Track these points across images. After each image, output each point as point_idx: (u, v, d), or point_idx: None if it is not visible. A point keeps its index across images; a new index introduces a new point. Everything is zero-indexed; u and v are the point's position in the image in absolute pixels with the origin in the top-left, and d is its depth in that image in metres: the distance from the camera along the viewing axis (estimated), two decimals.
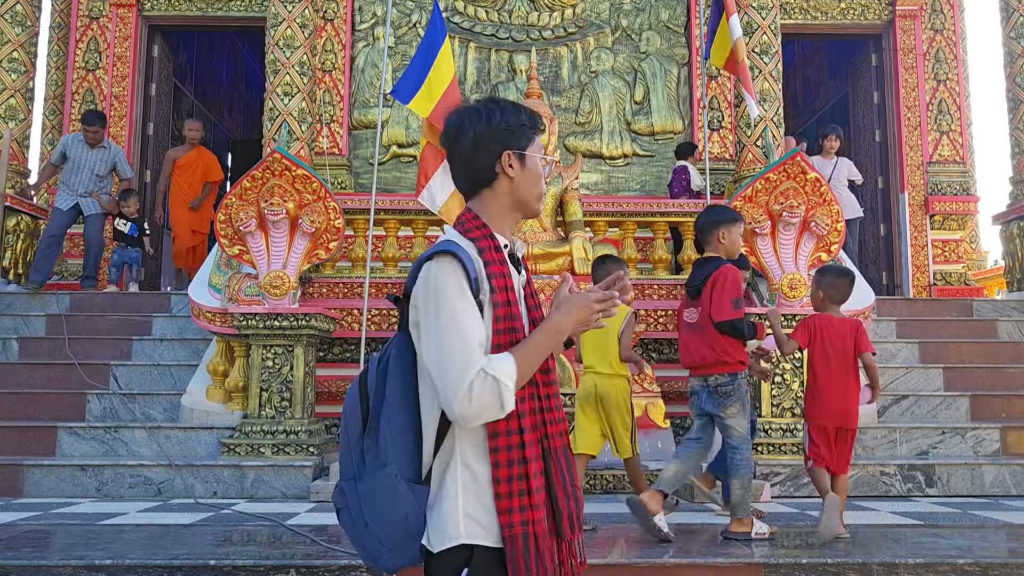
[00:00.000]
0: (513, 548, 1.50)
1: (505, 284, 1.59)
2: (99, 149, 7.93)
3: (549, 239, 6.65)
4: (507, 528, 1.51)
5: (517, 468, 1.53)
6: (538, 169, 1.69)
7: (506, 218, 1.69)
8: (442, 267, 1.54)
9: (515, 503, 1.52)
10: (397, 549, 1.56)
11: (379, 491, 1.56)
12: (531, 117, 1.70)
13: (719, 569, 3.47)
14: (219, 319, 5.97)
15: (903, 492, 5.47)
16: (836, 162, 8.43)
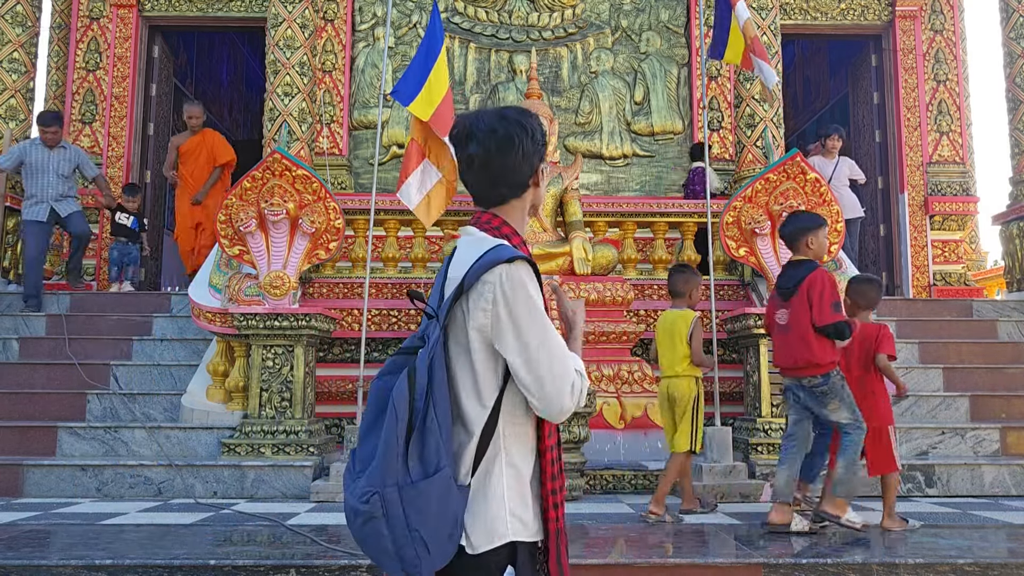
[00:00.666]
0: (557, 540, 1.62)
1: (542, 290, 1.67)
2: (58, 150, 7.52)
3: (549, 239, 6.65)
4: (553, 522, 1.62)
5: (558, 466, 1.65)
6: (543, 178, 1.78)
7: (525, 224, 1.79)
8: (524, 272, 1.58)
9: (558, 499, 1.63)
10: (440, 553, 1.53)
11: (433, 495, 1.52)
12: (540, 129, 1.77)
13: (719, 569, 3.47)
14: (219, 319, 5.97)
15: (903, 492, 5.46)
16: (838, 161, 8.39)
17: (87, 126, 9.17)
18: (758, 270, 6.29)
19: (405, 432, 1.55)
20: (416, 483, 1.52)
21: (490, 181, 1.69)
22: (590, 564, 3.47)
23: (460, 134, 1.70)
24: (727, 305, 7.00)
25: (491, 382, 1.59)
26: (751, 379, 6.02)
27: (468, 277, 1.57)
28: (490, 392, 1.58)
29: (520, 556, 1.59)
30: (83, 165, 7.73)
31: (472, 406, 1.59)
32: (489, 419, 1.58)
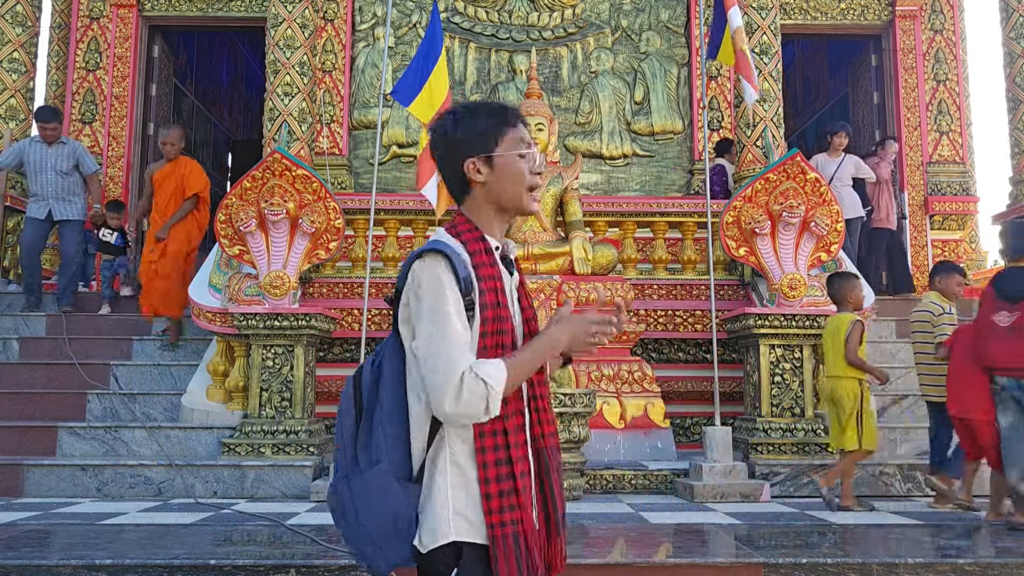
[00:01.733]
0: (503, 546, 1.52)
1: (495, 285, 1.60)
2: (57, 146, 7.29)
3: (549, 239, 6.65)
4: (497, 527, 1.52)
5: (504, 468, 1.55)
6: (514, 166, 1.66)
7: (494, 220, 1.69)
8: (431, 265, 1.56)
9: (505, 502, 1.53)
10: (389, 548, 1.57)
11: (372, 489, 1.57)
12: (496, 115, 1.68)
13: (719, 569, 3.47)
14: (219, 319, 5.98)
15: (903, 492, 5.47)
16: (842, 159, 8.31)
17: (87, 126, 9.17)
18: (758, 270, 6.29)
19: (352, 427, 1.63)
20: (357, 476, 1.59)
21: (445, 179, 1.73)
22: (590, 564, 3.47)
23: None
24: (727, 305, 7.00)
25: None
26: (751, 379, 6.02)
27: (399, 277, 1.63)
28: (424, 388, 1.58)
29: (466, 557, 1.53)
30: (82, 160, 7.45)
31: (414, 402, 1.60)
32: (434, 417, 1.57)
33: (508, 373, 1.52)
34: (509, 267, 1.70)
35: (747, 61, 6.00)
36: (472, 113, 1.68)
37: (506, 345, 1.59)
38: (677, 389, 6.92)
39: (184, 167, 7.05)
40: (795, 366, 5.82)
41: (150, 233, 7.00)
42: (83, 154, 7.49)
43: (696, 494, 5.13)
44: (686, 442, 6.80)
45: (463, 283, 1.55)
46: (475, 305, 1.57)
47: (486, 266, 1.61)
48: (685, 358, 7.20)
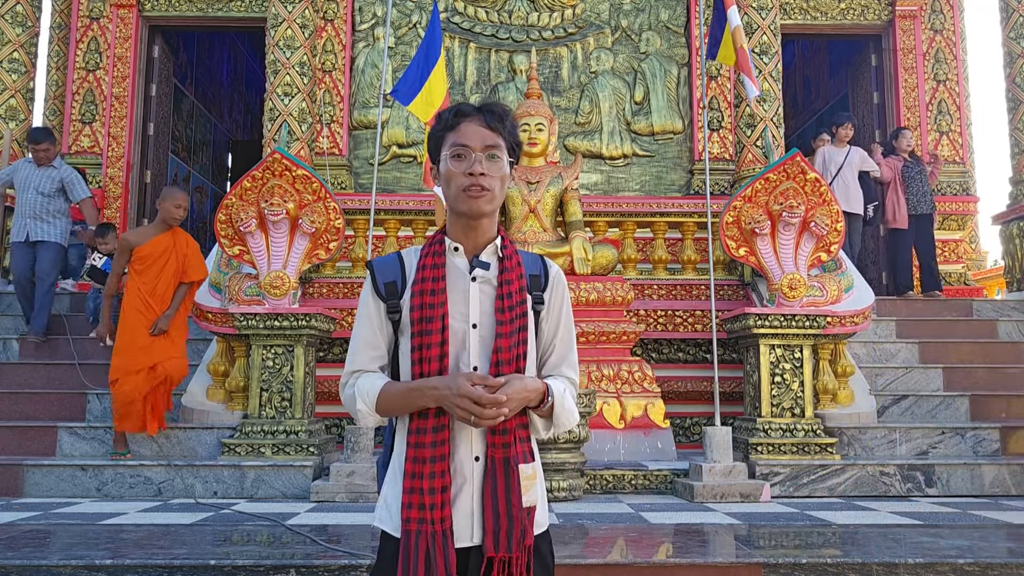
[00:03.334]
0: (405, 542, 1.57)
1: (427, 287, 1.65)
2: (47, 168, 6.90)
3: (549, 239, 6.65)
4: (403, 523, 1.58)
5: (418, 466, 1.60)
6: (447, 170, 1.67)
7: (454, 222, 1.72)
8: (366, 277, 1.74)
9: (414, 499, 1.58)
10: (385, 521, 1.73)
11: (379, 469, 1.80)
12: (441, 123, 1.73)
13: (719, 569, 3.46)
14: (219, 319, 5.98)
15: (903, 492, 5.47)
16: (848, 151, 8.29)
17: (87, 126, 9.17)
18: (758, 270, 6.29)
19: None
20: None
21: None
22: (590, 564, 3.46)
23: None
24: (727, 305, 7.00)
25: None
26: (751, 379, 6.02)
27: None
28: None
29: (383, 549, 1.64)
30: (69, 185, 6.93)
31: None
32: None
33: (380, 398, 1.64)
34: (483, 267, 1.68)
35: (747, 59, 6.01)
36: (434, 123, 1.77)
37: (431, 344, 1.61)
38: (677, 389, 6.93)
39: (186, 244, 5.80)
40: (795, 366, 5.82)
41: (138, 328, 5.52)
42: (73, 181, 6.96)
43: (696, 494, 5.13)
44: (686, 442, 6.81)
45: (384, 288, 1.68)
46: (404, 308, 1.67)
47: (427, 268, 1.67)
48: (685, 358, 7.21)
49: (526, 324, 1.68)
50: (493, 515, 1.59)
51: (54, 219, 6.94)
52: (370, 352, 1.69)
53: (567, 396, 1.69)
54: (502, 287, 1.67)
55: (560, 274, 1.80)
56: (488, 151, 1.66)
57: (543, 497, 1.70)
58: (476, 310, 1.66)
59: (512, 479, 1.60)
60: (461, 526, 1.60)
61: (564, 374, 1.75)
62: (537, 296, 1.72)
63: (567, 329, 1.77)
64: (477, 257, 1.68)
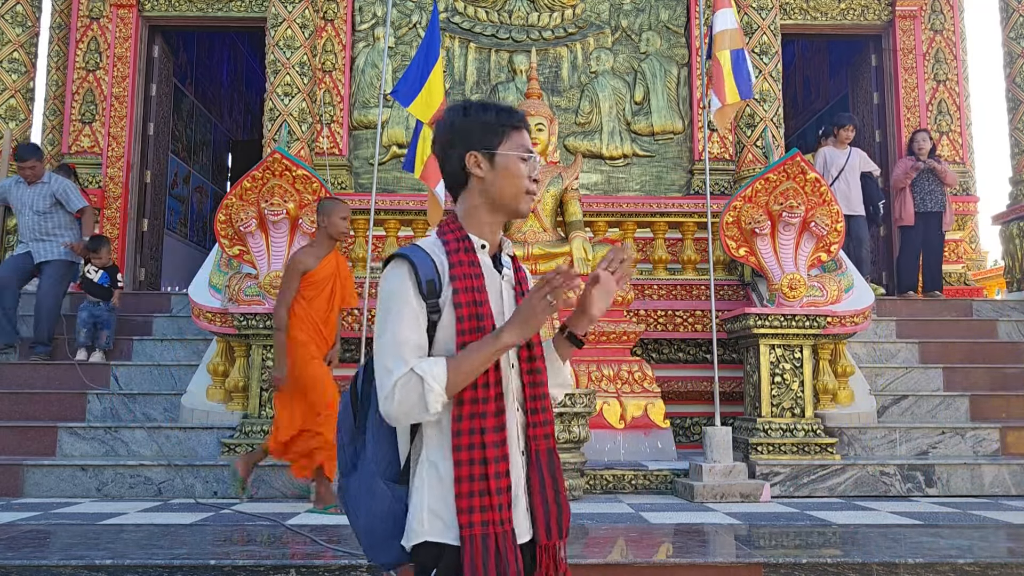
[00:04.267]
0: (471, 548, 1.51)
1: (471, 284, 1.61)
2: (38, 185, 6.76)
3: (549, 239, 6.65)
4: (465, 528, 1.52)
5: (478, 468, 1.54)
6: (514, 167, 1.67)
7: (484, 218, 1.69)
8: (392, 271, 1.61)
9: (475, 503, 1.53)
10: (382, 546, 1.61)
11: (362, 489, 1.62)
12: (503, 115, 1.69)
13: (719, 569, 3.46)
14: (219, 319, 5.98)
15: (903, 492, 5.47)
16: (849, 152, 8.25)
17: (87, 126, 9.17)
18: (758, 270, 6.29)
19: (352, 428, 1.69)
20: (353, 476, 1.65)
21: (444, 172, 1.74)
22: (590, 564, 3.46)
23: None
24: (727, 305, 7.00)
25: None
26: (751, 379, 6.02)
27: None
28: None
29: (445, 560, 1.54)
30: (64, 198, 6.79)
31: None
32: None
33: (450, 370, 1.52)
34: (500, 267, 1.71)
35: (720, 69, 5.98)
36: (482, 108, 1.70)
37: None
38: (677, 389, 6.93)
39: (344, 265, 5.08)
40: (795, 366, 5.82)
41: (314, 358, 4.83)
42: (66, 193, 6.81)
43: (696, 494, 5.13)
44: (686, 442, 6.81)
45: (425, 286, 1.58)
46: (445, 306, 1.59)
47: (464, 265, 1.62)
48: (685, 358, 7.21)
49: None
50: (543, 504, 1.62)
51: (55, 236, 6.79)
52: (418, 352, 1.56)
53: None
54: (520, 284, 1.74)
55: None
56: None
57: None
58: (509, 307, 1.69)
59: (556, 467, 1.67)
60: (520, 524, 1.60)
61: None
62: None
63: None
64: (499, 254, 1.73)
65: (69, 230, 6.86)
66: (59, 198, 6.80)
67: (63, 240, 6.80)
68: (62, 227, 6.83)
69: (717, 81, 5.94)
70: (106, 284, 6.90)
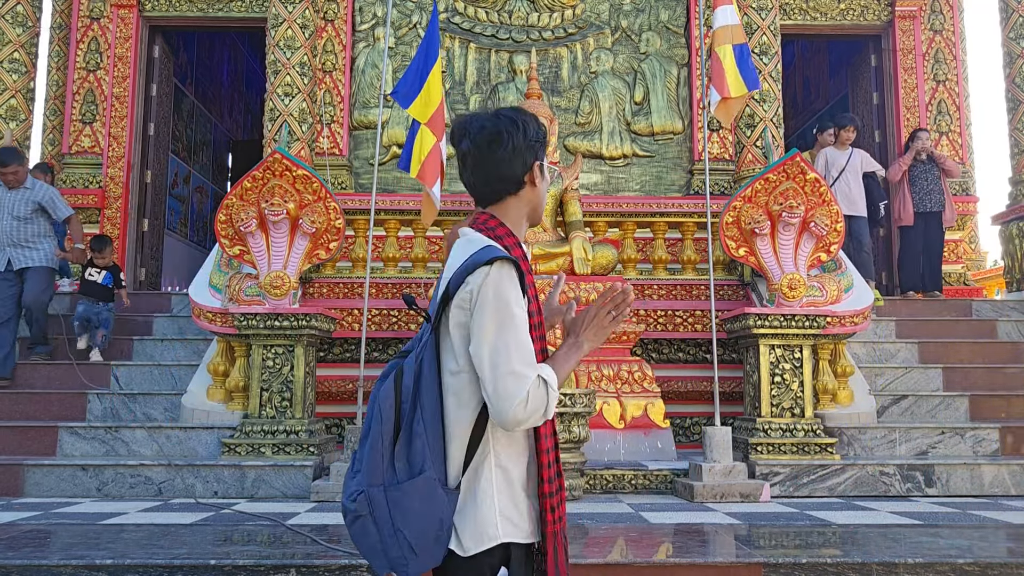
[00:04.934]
0: (555, 543, 1.62)
1: (536, 293, 1.67)
2: (20, 191, 6.58)
3: (549, 239, 6.65)
4: (551, 525, 1.61)
5: (555, 468, 1.64)
6: (546, 181, 1.80)
7: (523, 225, 1.78)
8: (503, 273, 1.58)
9: (555, 501, 1.62)
10: (427, 554, 1.57)
11: (416, 497, 1.56)
12: (540, 129, 1.78)
13: (719, 569, 3.47)
14: (219, 319, 5.98)
15: (902, 492, 5.47)
16: (851, 153, 8.21)
17: (87, 126, 9.18)
18: (758, 270, 6.29)
19: (392, 433, 1.61)
20: (401, 484, 1.57)
21: (484, 178, 1.73)
22: (590, 564, 3.47)
23: (455, 132, 1.76)
24: (727, 305, 7.01)
25: (475, 384, 1.59)
26: (751, 379, 6.02)
27: (453, 279, 1.60)
28: (472, 394, 1.60)
29: (515, 557, 1.60)
30: (49, 206, 6.63)
31: (455, 407, 1.61)
32: (477, 421, 1.59)
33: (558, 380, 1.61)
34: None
35: (720, 64, 5.99)
36: (536, 121, 1.76)
37: (546, 350, 1.70)
38: (677, 389, 6.93)
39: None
40: (795, 366, 5.83)
41: None
42: (51, 201, 6.66)
43: (696, 494, 5.13)
44: (686, 442, 6.81)
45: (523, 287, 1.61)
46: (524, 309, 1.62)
47: (530, 273, 1.67)
48: (685, 358, 7.21)
49: None
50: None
51: (36, 243, 6.61)
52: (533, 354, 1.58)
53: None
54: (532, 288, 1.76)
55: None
56: None
57: None
58: None
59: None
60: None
61: None
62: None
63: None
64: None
65: (47, 238, 6.71)
66: (44, 206, 6.63)
67: (42, 247, 6.63)
68: (41, 235, 6.66)
69: (717, 76, 5.94)
70: (109, 284, 6.90)
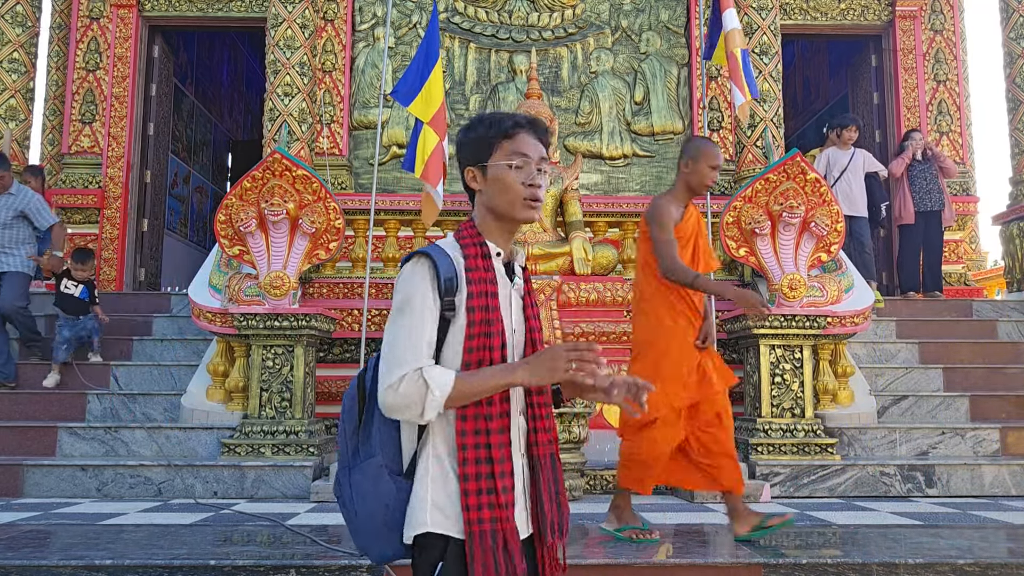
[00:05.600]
0: (480, 542, 1.55)
1: (485, 290, 1.64)
2: (5, 196, 6.52)
3: (549, 239, 6.65)
4: (474, 524, 1.56)
5: (484, 467, 1.58)
6: (504, 177, 1.68)
7: (493, 226, 1.73)
8: (414, 267, 1.63)
9: (483, 500, 1.57)
10: (380, 539, 1.65)
11: (366, 480, 1.64)
12: (494, 127, 1.72)
13: (719, 569, 3.47)
14: (219, 319, 5.97)
15: (903, 492, 5.47)
16: (853, 153, 8.11)
17: (87, 126, 9.18)
18: (758, 270, 6.29)
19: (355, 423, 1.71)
20: (354, 468, 1.67)
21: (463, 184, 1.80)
22: (590, 564, 3.47)
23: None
24: (727, 305, 7.00)
25: None
26: (751, 379, 6.02)
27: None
28: None
29: (449, 551, 1.59)
30: (33, 214, 6.56)
31: None
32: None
33: (456, 386, 1.55)
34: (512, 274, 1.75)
35: (737, 65, 5.99)
36: (477, 123, 1.74)
37: (493, 348, 1.62)
38: None
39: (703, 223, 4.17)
40: (795, 366, 5.82)
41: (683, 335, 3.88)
42: (36, 209, 6.59)
43: (696, 494, 5.13)
44: None
45: (444, 283, 1.61)
46: (460, 307, 1.62)
47: (480, 270, 1.65)
48: None
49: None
50: (548, 505, 1.67)
51: (16, 248, 6.53)
52: (428, 349, 1.60)
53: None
54: (528, 296, 1.76)
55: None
56: (540, 164, 1.72)
57: None
58: (517, 316, 1.72)
59: (558, 471, 1.73)
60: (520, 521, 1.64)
61: None
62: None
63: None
64: (512, 264, 1.75)
65: (27, 244, 6.61)
66: (28, 213, 6.56)
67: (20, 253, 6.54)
68: (21, 241, 6.58)
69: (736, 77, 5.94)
70: (86, 299, 6.69)
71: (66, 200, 8.93)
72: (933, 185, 8.30)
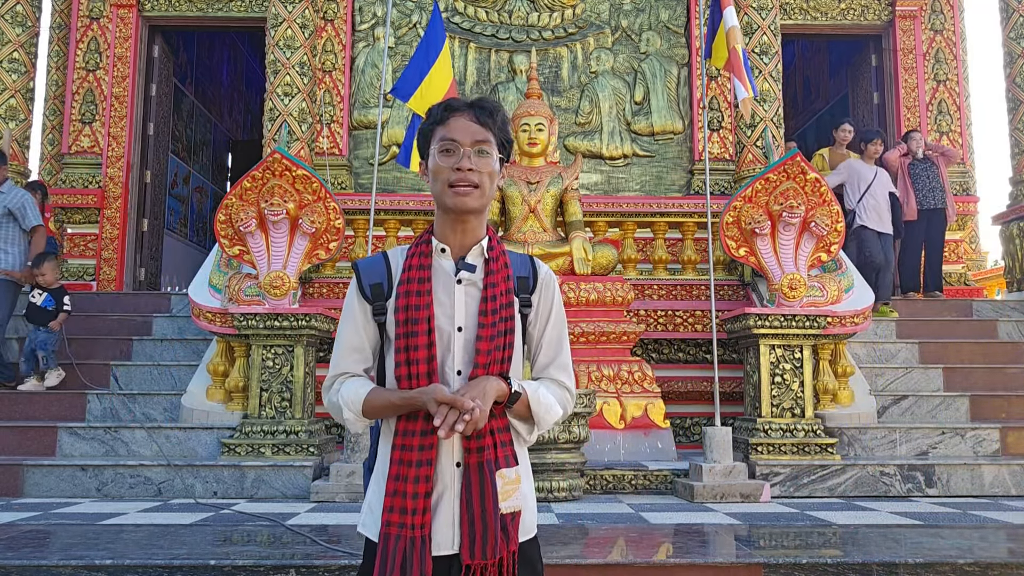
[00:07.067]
0: (383, 545, 1.55)
1: (412, 289, 1.63)
2: None
3: (549, 239, 6.65)
4: (384, 527, 1.56)
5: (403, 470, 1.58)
6: (435, 165, 1.66)
7: (441, 220, 1.70)
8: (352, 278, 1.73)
9: (396, 503, 1.56)
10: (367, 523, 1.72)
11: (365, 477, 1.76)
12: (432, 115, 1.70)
13: (719, 569, 3.46)
14: (219, 319, 5.97)
15: (903, 492, 5.47)
16: (877, 171, 7.86)
17: (87, 126, 9.18)
18: (758, 270, 6.29)
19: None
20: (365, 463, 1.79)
21: None
22: (590, 564, 3.46)
23: None
24: (727, 305, 7.00)
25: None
26: (751, 379, 6.02)
27: None
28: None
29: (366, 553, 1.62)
30: (20, 213, 6.40)
31: None
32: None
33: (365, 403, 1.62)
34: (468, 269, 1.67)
35: (739, 60, 5.99)
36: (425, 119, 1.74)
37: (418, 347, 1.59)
38: (677, 389, 6.93)
39: None
40: (795, 366, 5.82)
41: None
42: (22, 207, 6.40)
43: (696, 494, 5.13)
44: (686, 442, 6.81)
45: (369, 290, 1.66)
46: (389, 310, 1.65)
47: (412, 270, 1.65)
48: (685, 358, 7.21)
49: (512, 327, 1.66)
50: (469, 522, 1.56)
51: (6, 247, 6.41)
52: (354, 355, 1.68)
53: (542, 392, 1.68)
54: (486, 290, 1.66)
55: (550, 275, 1.79)
56: (477, 146, 1.64)
57: (530, 502, 1.67)
58: (462, 312, 1.65)
59: (487, 485, 1.57)
60: (442, 533, 1.58)
61: (552, 376, 1.75)
62: (524, 299, 1.72)
63: (555, 330, 1.76)
64: (463, 259, 1.67)
65: (16, 246, 6.44)
66: (14, 211, 6.40)
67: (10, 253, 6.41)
68: (10, 241, 6.41)
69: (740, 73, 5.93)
70: (51, 308, 6.38)
71: (66, 200, 8.93)
72: (935, 183, 8.28)
